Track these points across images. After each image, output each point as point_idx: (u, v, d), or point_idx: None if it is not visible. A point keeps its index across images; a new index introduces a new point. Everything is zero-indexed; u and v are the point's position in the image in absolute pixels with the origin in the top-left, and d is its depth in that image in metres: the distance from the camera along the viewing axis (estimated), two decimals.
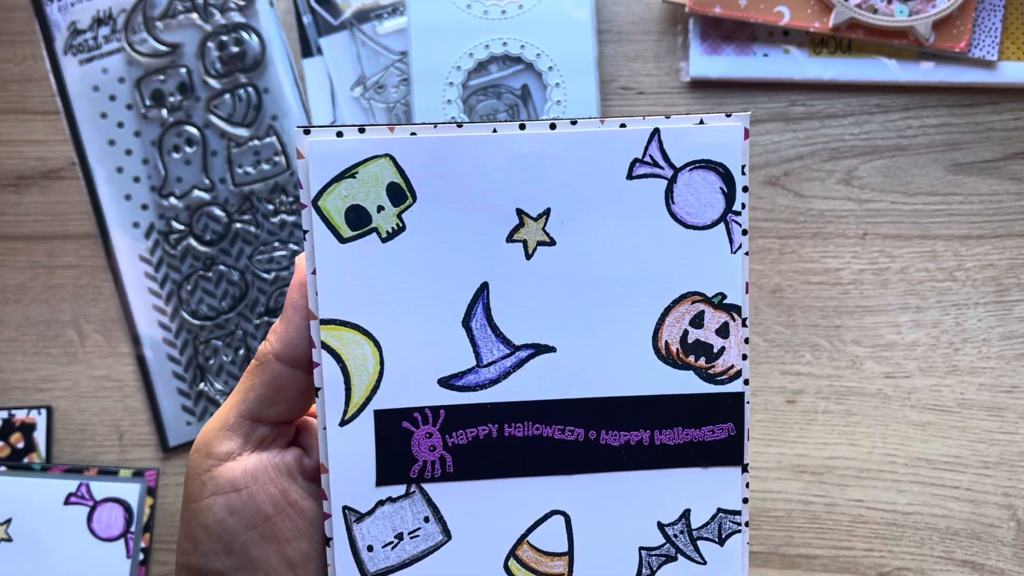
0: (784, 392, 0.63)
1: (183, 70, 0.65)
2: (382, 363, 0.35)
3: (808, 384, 0.63)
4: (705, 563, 0.36)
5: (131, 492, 0.63)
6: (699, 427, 0.36)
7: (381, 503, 0.35)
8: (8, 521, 0.62)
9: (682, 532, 0.36)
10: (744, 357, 0.36)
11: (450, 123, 0.35)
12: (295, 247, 0.65)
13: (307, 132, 0.34)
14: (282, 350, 0.35)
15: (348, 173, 0.34)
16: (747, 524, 0.36)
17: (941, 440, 0.62)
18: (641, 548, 0.36)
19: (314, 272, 0.34)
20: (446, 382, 0.35)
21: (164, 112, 0.65)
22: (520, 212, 0.35)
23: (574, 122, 0.35)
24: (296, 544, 0.35)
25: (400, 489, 0.35)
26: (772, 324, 0.63)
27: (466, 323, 0.35)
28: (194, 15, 0.65)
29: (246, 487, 0.35)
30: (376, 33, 0.65)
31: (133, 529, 0.63)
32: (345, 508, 0.35)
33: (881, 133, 0.64)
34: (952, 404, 0.62)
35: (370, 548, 0.35)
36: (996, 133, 0.64)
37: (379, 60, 0.65)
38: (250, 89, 0.65)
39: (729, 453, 0.36)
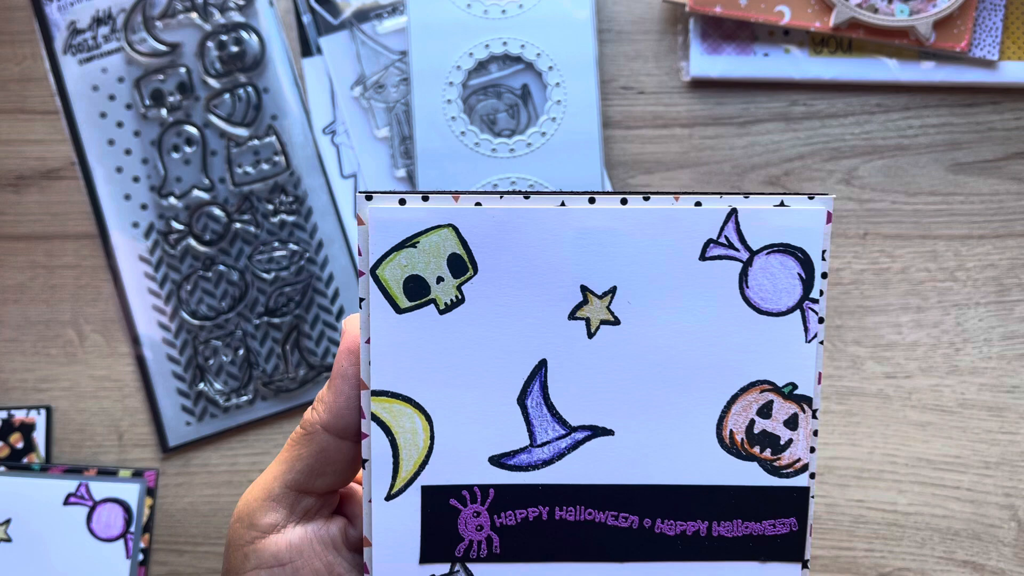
0: None
1: (183, 70, 0.65)
2: (432, 438, 0.34)
3: None
4: None
5: (130, 492, 0.63)
6: (760, 521, 0.35)
7: None
8: (8, 521, 0.62)
9: None
10: (812, 450, 0.35)
11: (518, 194, 0.33)
12: (295, 247, 0.64)
13: (369, 198, 0.33)
14: (330, 420, 0.34)
15: (409, 243, 0.33)
16: None
17: (942, 440, 0.62)
18: None
19: (368, 341, 0.34)
20: (497, 460, 0.34)
21: (164, 112, 0.65)
22: (584, 289, 0.34)
23: (647, 197, 0.33)
24: None
25: (444, 567, 0.34)
26: None
27: (521, 401, 0.34)
28: (193, 15, 0.65)
29: (291, 562, 0.34)
30: (376, 33, 0.65)
31: (132, 529, 0.63)
32: None
33: (882, 133, 0.64)
34: (953, 404, 0.62)
35: None
36: (997, 133, 0.64)
37: (379, 60, 0.65)
38: (250, 89, 0.65)
39: (790, 549, 0.35)
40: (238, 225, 0.65)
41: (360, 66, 0.65)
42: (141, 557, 0.63)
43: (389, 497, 0.34)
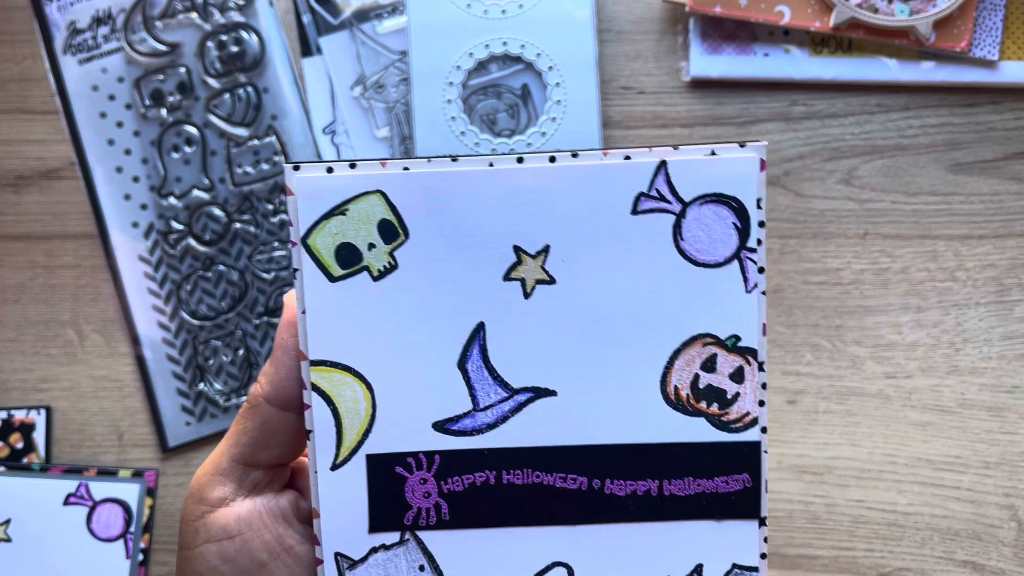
0: (785, 392, 0.63)
1: (182, 70, 0.65)
2: (374, 406, 0.34)
3: (809, 384, 0.63)
4: None
5: (130, 492, 0.63)
6: (712, 477, 0.34)
7: (374, 550, 0.34)
8: (7, 521, 0.62)
9: None
10: (761, 403, 0.34)
11: (445, 157, 0.33)
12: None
13: (296, 168, 0.33)
14: (272, 393, 0.34)
15: (338, 210, 0.33)
16: None
17: (942, 440, 0.62)
18: None
19: (304, 312, 0.33)
20: (441, 426, 0.34)
21: (163, 112, 0.65)
22: (518, 249, 0.33)
23: (575, 154, 0.33)
24: None
25: (394, 536, 0.34)
26: (772, 324, 0.63)
27: (462, 365, 0.34)
28: (193, 15, 0.65)
29: (240, 534, 0.34)
30: (376, 32, 0.65)
31: (132, 529, 0.63)
32: (337, 555, 0.34)
33: (881, 133, 0.64)
34: (953, 404, 0.62)
35: None
36: (997, 133, 0.64)
37: (379, 60, 0.65)
38: (250, 89, 0.65)
39: (745, 506, 0.34)
40: (238, 225, 0.65)
41: (360, 66, 0.65)
42: (141, 557, 0.63)
43: (334, 467, 0.34)
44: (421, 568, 0.34)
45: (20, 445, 0.64)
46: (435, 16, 0.63)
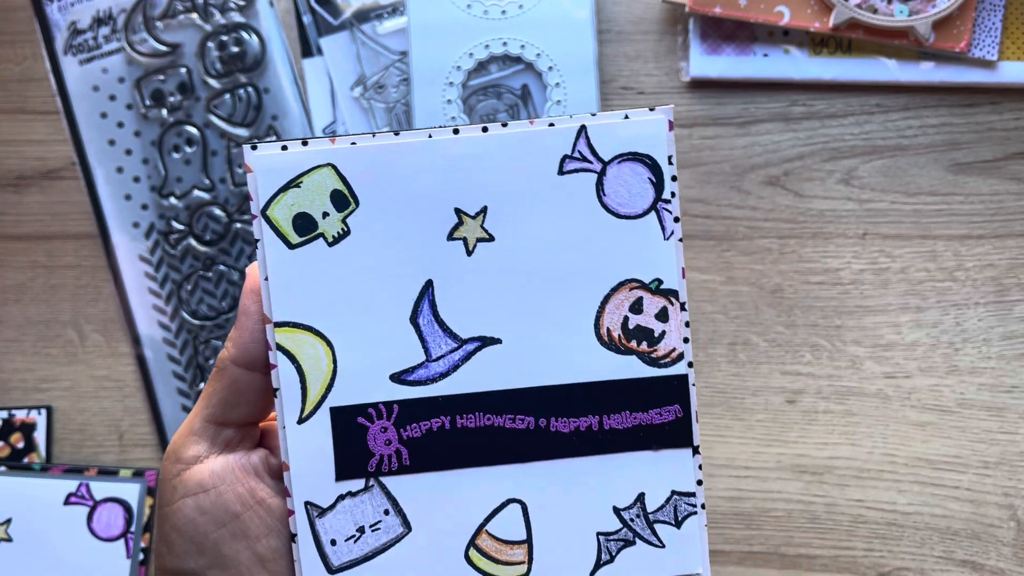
0: (784, 392, 0.63)
1: (183, 70, 0.65)
2: (335, 362, 0.36)
3: (808, 384, 0.63)
4: (664, 546, 0.37)
5: (131, 492, 0.63)
6: (646, 410, 0.37)
7: (341, 497, 0.36)
8: (8, 521, 0.62)
9: (638, 516, 0.37)
10: (686, 340, 0.37)
11: (387, 132, 0.36)
12: None
13: (254, 148, 0.36)
14: (238, 355, 0.36)
15: (293, 183, 0.36)
16: (703, 506, 0.37)
17: (941, 440, 0.62)
18: (599, 533, 0.37)
19: (267, 279, 0.36)
20: (398, 377, 0.36)
21: (164, 112, 0.65)
22: (458, 211, 0.36)
23: (505, 124, 0.37)
24: (266, 540, 0.36)
25: (359, 483, 0.36)
26: (772, 324, 0.63)
27: (414, 320, 0.36)
28: (194, 15, 0.65)
29: (214, 487, 0.36)
30: (376, 33, 0.65)
31: (133, 529, 0.63)
32: (307, 504, 0.36)
33: (881, 133, 0.64)
34: (952, 404, 0.63)
35: (333, 542, 0.36)
36: (996, 133, 0.64)
37: (379, 60, 0.65)
38: (250, 89, 0.65)
39: (678, 435, 0.37)
40: (238, 225, 0.65)
41: (360, 66, 0.65)
42: (141, 557, 0.63)
43: (300, 421, 0.36)
44: (386, 512, 0.36)
45: (21, 445, 0.64)
46: (435, 16, 0.63)
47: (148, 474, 0.63)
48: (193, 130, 0.65)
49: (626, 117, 0.37)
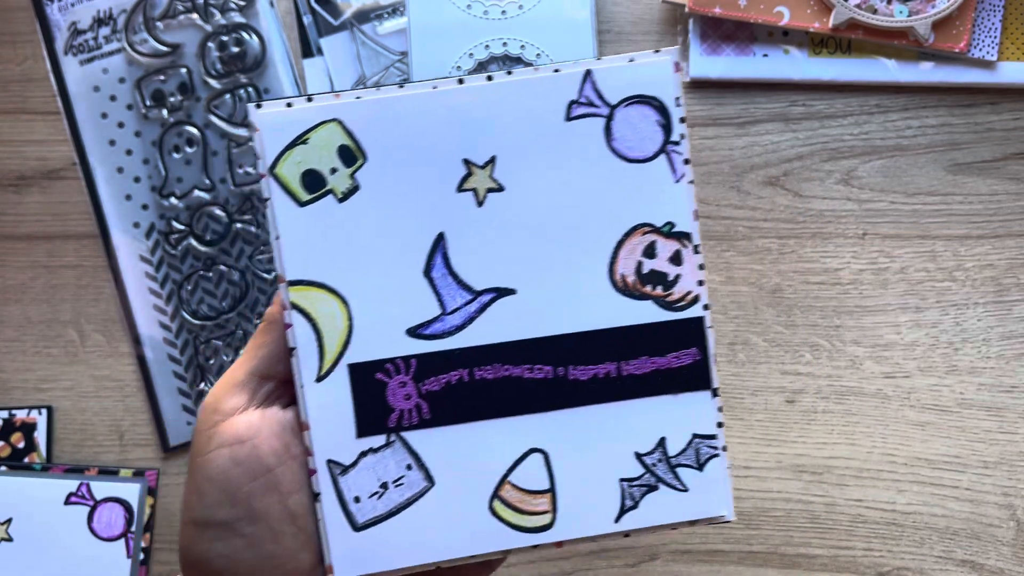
0: (784, 392, 0.63)
1: (183, 70, 0.65)
2: (351, 318, 0.36)
3: (808, 384, 0.63)
4: (687, 490, 0.37)
5: (131, 492, 0.63)
6: (664, 355, 0.37)
7: (363, 454, 0.36)
8: (8, 521, 0.62)
9: (660, 461, 0.37)
10: (701, 283, 0.37)
11: (392, 85, 0.36)
12: None
13: (259, 107, 0.35)
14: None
15: (300, 140, 0.36)
16: (725, 449, 0.36)
17: (941, 440, 0.62)
18: (622, 480, 0.37)
19: (278, 238, 0.36)
20: (414, 332, 0.36)
21: (164, 112, 0.65)
22: (467, 162, 0.36)
23: (510, 72, 0.36)
24: (298, 496, 0.36)
25: (380, 439, 0.36)
26: (772, 324, 0.63)
27: (427, 273, 0.36)
28: (194, 15, 0.65)
29: (250, 439, 0.36)
30: (376, 33, 0.65)
31: (133, 529, 0.63)
32: (329, 462, 0.36)
33: (881, 133, 0.64)
34: (952, 404, 0.63)
35: (357, 499, 0.36)
36: (996, 133, 0.64)
37: (379, 60, 0.65)
38: (250, 89, 0.65)
39: (697, 378, 0.37)
40: (239, 225, 0.65)
41: (360, 67, 0.65)
42: (142, 557, 0.63)
43: (319, 379, 0.36)
44: (408, 467, 0.36)
45: (21, 445, 0.64)
46: (435, 17, 0.63)
47: (148, 474, 0.63)
48: (193, 130, 0.65)
49: (631, 60, 0.36)
